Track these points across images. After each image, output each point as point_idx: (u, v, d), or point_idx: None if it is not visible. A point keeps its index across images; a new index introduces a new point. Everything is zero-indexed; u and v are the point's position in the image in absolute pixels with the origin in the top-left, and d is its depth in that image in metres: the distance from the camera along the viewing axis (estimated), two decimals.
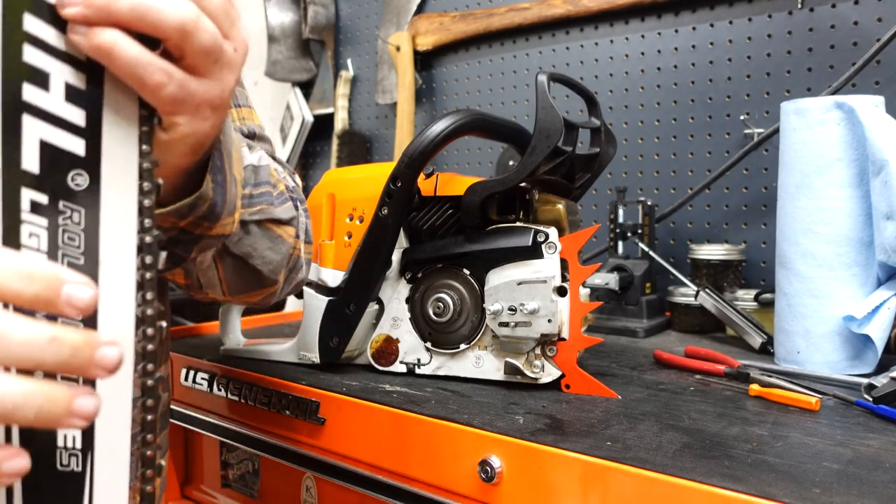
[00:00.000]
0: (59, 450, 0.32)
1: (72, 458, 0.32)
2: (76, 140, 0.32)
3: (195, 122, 0.38)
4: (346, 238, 0.75)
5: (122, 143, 0.33)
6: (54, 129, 0.32)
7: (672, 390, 0.69)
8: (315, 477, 0.72)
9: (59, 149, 0.32)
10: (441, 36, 1.46)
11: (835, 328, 0.74)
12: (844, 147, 0.73)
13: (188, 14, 0.34)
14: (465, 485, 0.56)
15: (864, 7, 1.01)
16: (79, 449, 0.32)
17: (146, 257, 0.34)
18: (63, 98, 0.32)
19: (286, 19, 1.73)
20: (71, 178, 0.32)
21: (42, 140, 0.31)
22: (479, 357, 0.72)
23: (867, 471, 0.47)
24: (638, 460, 0.49)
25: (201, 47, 0.35)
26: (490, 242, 0.70)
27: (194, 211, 0.45)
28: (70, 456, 0.32)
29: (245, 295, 0.63)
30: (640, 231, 1.06)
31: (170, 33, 0.34)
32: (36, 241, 0.31)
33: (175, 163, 0.41)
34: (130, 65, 0.33)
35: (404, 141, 1.46)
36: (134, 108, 0.34)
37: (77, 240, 0.32)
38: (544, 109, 0.67)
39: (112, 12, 0.32)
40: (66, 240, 0.32)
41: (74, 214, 0.32)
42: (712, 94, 1.14)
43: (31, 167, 0.31)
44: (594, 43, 1.27)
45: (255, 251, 0.58)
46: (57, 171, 0.32)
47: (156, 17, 0.33)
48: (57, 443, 0.32)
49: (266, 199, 0.58)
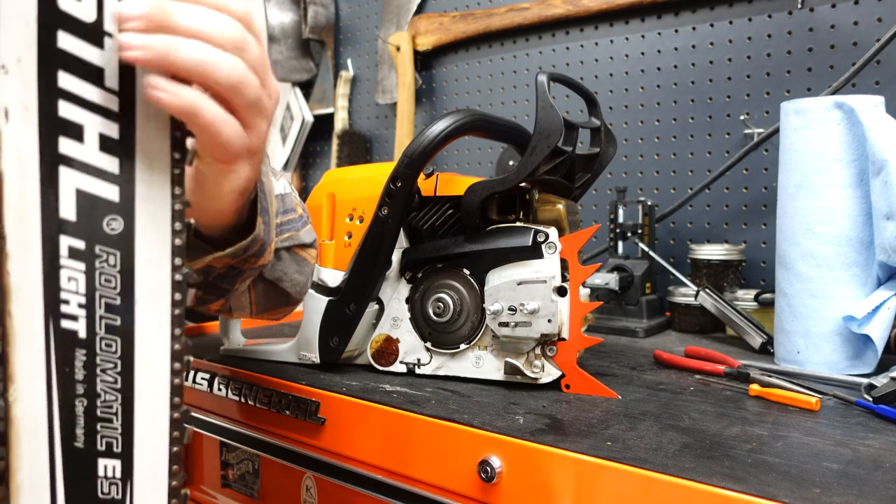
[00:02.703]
0: (100, 479, 0.33)
1: (112, 486, 0.33)
2: (110, 187, 0.33)
3: (244, 168, 0.41)
4: (346, 238, 0.75)
5: (154, 187, 0.35)
6: (89, 177, 0.33)
7: (672, 390, 0.69)
8: (315, 477, 0.72)
9: (94, 196, 0.33)
10: (441, 36, 1.46)
11: (835, 328, 0.74)
12: (844, 147, 0.73)
13: (241, 71, 0.36)
14: (465, 485, 0.56)
15: (864, 7, 1.01)
16: (118, 478, 0.33)
17: (176, 294, 0.35)
18: (97, 148, 0.33)
19: (286, 19, 1.73)
20: (106, 223, 0.33)
21: (78, 189, 0.33)
22: (479, 357, 0.71)
23: (867, 471, 0.47)
24: (638, 460, 0.49)
25: (248, 102, 0.37)
26: (490, 242, 0.70)
27: (248, 251, 0.48)
28: (111, 485, 0.33)
29: (271, 313, 0.66)
30: (640, 231, 1.06)
31: (223, 88, 0.36)
32: (74, 285, 0.32)
33: (227, 208, 0.43)
34: (211, 122, 0.35)
35: (404, 141, 1.46)
36: (165, 154, 0.35)
37: (113, 281, 0.33)
38: (544, 109, 0.67)
39: (172, 61, 0.33)
40: (104, 282, 0.33)
41: (110, 258, 0.33)
42: (712, 94, 1.14)
43: (68, 215, 0.32)
44: (594, 43, 1.27)
45: (286, 275, 0.61)
46: (93, 218, 0.33)
47: (213, 72, 0.35)
48: (98, 472, 0.33)
49: (293, 226, 0.61)
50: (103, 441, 0.33)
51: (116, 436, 0.34)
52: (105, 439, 0.33)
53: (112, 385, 0.33)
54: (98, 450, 0.33)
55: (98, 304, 0.33)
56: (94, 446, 0.33)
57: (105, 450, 0.34)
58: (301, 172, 1.81)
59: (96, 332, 0.33)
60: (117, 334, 0.33)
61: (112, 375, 0.33)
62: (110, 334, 0.33)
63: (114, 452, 0.34)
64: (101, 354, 0.33)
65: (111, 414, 0.33)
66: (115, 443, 0.34)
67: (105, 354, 0.33)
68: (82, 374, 0.33)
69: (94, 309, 0.33)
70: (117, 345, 0.33)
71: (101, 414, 0.33)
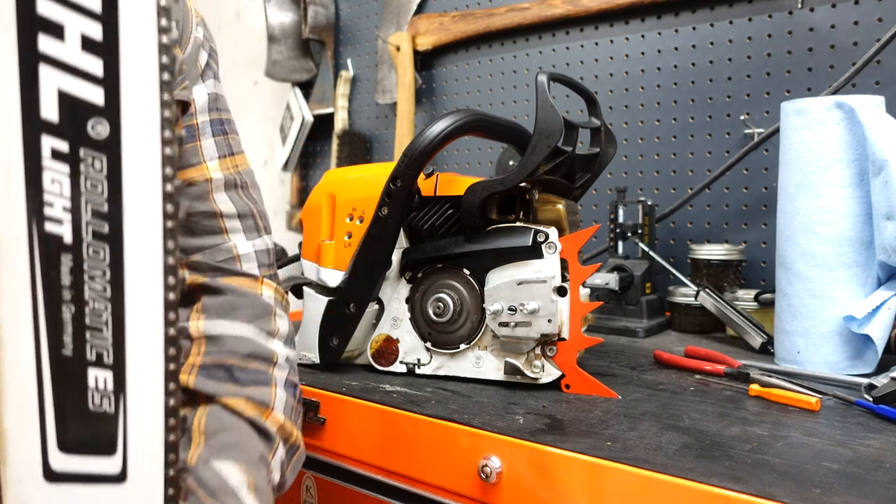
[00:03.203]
0: (91, 390, 0.32)
1: (104, 399, 0.32)
2: (95, 89, 0.32)
3: None
4: (346, 238, 0.75)
5: (142, 92, 0.33)
6: (72, 78, 0.32)
7: (672, 390, 0.69)
8: (315, 477, 0.72)
9: (77, 98, 0.32)
10: (441, 36, 1.46)
11: (835, 328, 0.74)
12: (844, 147, 0.73)
13: None
14: (465, 485, 0.56)
15: (864, 7, 1.01)
16: (110, 390, 0.32)
17: (168, 205, 0.33)
18: (79, 48, 0.32)
19: (286, 19, 1.73)
20: (91, 127, 0.32)
21: (60, 89, 0.32)
22: (479, 357, 0.71)
23: (867, 471, 0.47)
24: (638, 460, 0.49)
25: None
26: (490, 242, 0.70)
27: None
28: (102, 397, 0.32)
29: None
30: (640, 231, 1.06)
31: None
32: (58, 188, 0.31)
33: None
34: None
35: (404, 141, 1.46)
36: (153, 59, 0.34)
37: (100, 187, 0.32)
38: (544, 109, 0.67)
39: None
40: (90, 186, 0.32)
41: (96, 162, 0.32)
42: (712, 94, 1.14)
43: (50, 116, 0.31)
44: (594, 43, 1.27)
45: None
46: (76, 119, 0.32)
47: None
48: (88, 383, 0.32)
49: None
50: (93, 351, 0.32)
51: (107, 346, 0.33)
52: (95, 349, 0.32)
53: (101, 294, 0.32)
54: (88, 359, 0.32)
55: (84, 208, 0.32)
56: (83, 356, 0.32)
57: (95, 360, 0.32)
58: (301, 172, 1.81)
59: (83, 237, 0.32)
60: (105, 241, 0.32)
61: (101, 283, 0.32)
62: (98, 241, 0.32)
63: (105, 363, 0.33)
64: (89, 261, 0.32)
65: (101, 324, 0.32)
66: (106, 354, 0.33)
67: (93, 261, 0.32)
68: (69, 280, 0.32)
69: (80, 214, 0.32)
70: (105, 252, 0.32)
71: (89, 323, 0.32)
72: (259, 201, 0.66)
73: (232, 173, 0.63)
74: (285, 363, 0.59)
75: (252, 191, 0.65)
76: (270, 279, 0.63)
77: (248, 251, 0.61)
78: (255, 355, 0.56)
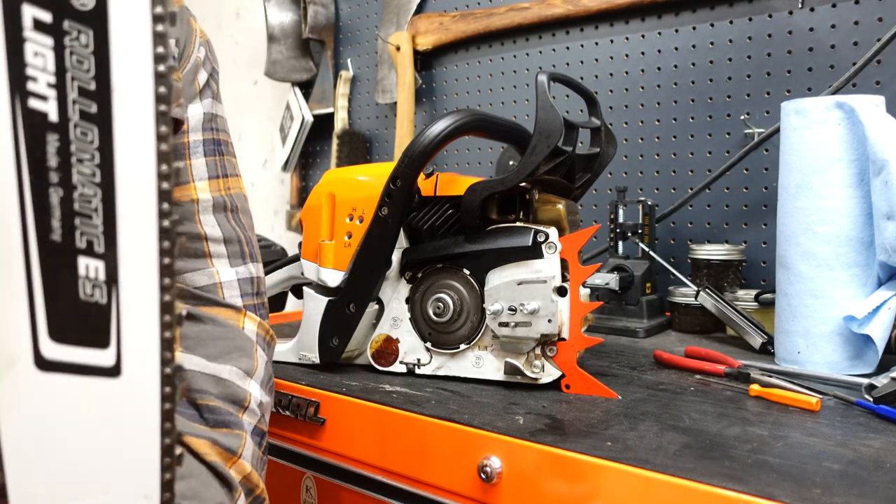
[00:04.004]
0: (81, 279, 0.31)
1: (95, 289, 0.31)
2: None
3: None
4: (345, 238, 0.75)
5: None
6: None
7: (672, 390, 0.69)
8: (315, 477, 0.72)
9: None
10: (441, 36, 1.45)
11: (835, 328, 0.74)
12: (845, 147, 0.73)
13: None
14: (465, 485, 0.56)
15: (864, 7, 1.01)
16: (102, 280, 0.31)
17: (160, 87, 0.31)
18: None
19: (286, 19, 1.73)
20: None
21: None
22: (479, 357, 0.71)
23: (868, 471, 0.47)
24: (638, 460, 0.49)
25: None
26: (490, 242, 0.70)
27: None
28: (94, 287, 0.31)
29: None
30: (640, 231, 1.06)
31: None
32: (42, 61, 0.29)
33: None
34: None
35: (404, 141, 1.46)
36: None
37: (86, 63, 0.30)
38: (544, 109, 0.67)
39: None
40: (75, 62, 0.30)
41: (82, 36, 0.30)
42: (712, 94, 1.14)
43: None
44: (594, 43, 1.27)
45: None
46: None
47: None
48: (79, 271, 0.31)
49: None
50: (83, 238, 0.31)
51: (97, 234, 0.31)
52: (85, 237, 0.31)
53: (90, 178, 0.31)
54: (78, 247, 0.31)
55: (70, 85, 0.30)
56: (72, 242, 0.31)
57: (86, 248, 0.31)
58: (301, 172, 1.81)
59: (69, 116, 0.30)
60: (93, 122, 0.30)
61: (90, 167, 0.30)
62: (86, 122, 0.30)
63: (95, 252, 0.31)
64: (77, 143, 0.30)
65: (90, 210, 0.30)
66: (97, 242, 0.31)
67: (81, 143, 0.30)
68: (56, 161, 0.30)
69: (66, 91, 0.30)
70: (94, 134, 0.30)
71: (78, 208, 0.30)
72: (249, 228, 0.64)
73: (222, 195, 0.61)
74: (257, 409, 0.56)
75: (242, 216, 0.63)
76: (254, 311, 0.61)
77: (230, 279, 0.59)
78: (227, 396, 0.54)
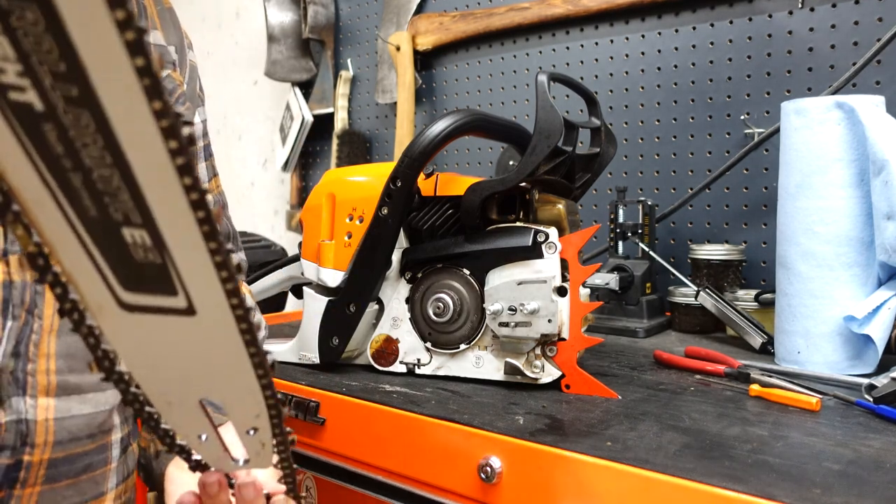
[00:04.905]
0: (131, 245, 0.31)
1: (148, 252, 0.32)
2: None
3: None
4: (346, 238, 0.75)
5: None
6: None
7: (672, 390, 0.69)
8: (315, 477, 0.72)
9: None
10: (441, 36, 1.45)
11: (835, 328, 0.74)
12: (845, 147, 0.73)
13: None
14: (465, 485, 0.56)
15: (864, 7, 1.01)
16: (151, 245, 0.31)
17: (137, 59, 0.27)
18: None
19: (286, 19, 1.72)
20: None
21: None
22: (479, 357, 0.71)
23: (868, 471, 0.47)
24: (638, 460, 0.49)
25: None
26: (490, 242, 0.70)
27: None
28: (146, 251, 0.31)
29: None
30: (640, 231, 1.06)
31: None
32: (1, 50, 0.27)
33: None
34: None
35: (404, 141, 1.46)
36: None
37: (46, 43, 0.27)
38: (544, 109, 0.67)
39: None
40: (33, 43, 0.27)
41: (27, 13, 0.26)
42: (712, 94, 1.14)
43: None
44: (594, 43, 1.27)
45: None
46: None
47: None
48: (126, 240, 0.31)
49: None
50: (119, 212, 0.30)
51: (129, 208, 0.30)
52: (120, 211, 0.30)
53: (102, 160, 0.29)
54: (116, 220, 0.30)
55: (40, 70, 0.27)
56: (109, 217, 0.30)
57: (124, 220, 0.31)
58: (301, 172, 1.81)
59: (54, 103, 0.28)
60: (80, 106, 0.28)
61: (97, 151, 0.29)
62: (73, 107, 0.28)
63: (133, 222, 0.31)
64: (74, 130, 0.29)
65: (113, 188, 0.30)
66: (133, 214, 0.31)
67: (78, 130, 0.29)
68: (61, 149, 0.29)
69: (40, 76, 0.27)
70: (87, 118, 0.29)
71: (102, 188, 0.30)
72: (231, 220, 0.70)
73: (216, 195, 0.66)
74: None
75: (226, 211, 0.69)
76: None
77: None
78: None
